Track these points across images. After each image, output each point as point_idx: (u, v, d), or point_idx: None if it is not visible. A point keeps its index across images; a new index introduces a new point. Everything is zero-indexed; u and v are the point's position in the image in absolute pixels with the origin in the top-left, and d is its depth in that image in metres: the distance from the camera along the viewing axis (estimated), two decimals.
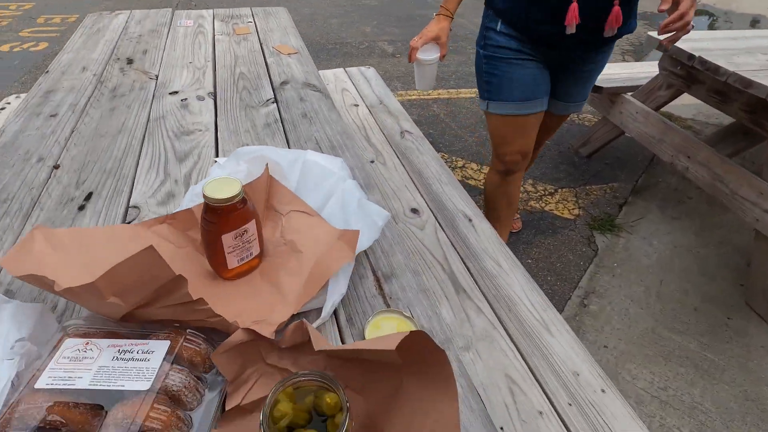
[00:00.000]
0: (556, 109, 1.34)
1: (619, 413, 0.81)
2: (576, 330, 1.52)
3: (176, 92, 1.11)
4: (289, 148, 0.90)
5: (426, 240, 1.14)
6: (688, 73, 1.78)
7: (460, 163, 2.33)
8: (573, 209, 2.08)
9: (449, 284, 1.03)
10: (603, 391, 0.84)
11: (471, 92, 3.07)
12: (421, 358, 0.39)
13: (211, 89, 1.12)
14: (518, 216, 1.95)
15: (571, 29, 1.03)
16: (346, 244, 0.61)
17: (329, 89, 1.85)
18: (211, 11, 1.69)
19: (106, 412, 0.38)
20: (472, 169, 2.29)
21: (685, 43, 1.59)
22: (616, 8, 1.00)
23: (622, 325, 1.55)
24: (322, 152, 0.88)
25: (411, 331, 0.36)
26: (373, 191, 0.79)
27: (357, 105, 1.73)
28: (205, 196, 0.53)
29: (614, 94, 2.11)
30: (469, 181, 2.20)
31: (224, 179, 0.55)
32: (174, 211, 0.65)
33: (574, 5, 1.01)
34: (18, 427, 0.37)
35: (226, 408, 0.44)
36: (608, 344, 1.49)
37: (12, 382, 0.39)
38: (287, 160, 0.74)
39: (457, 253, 1.12)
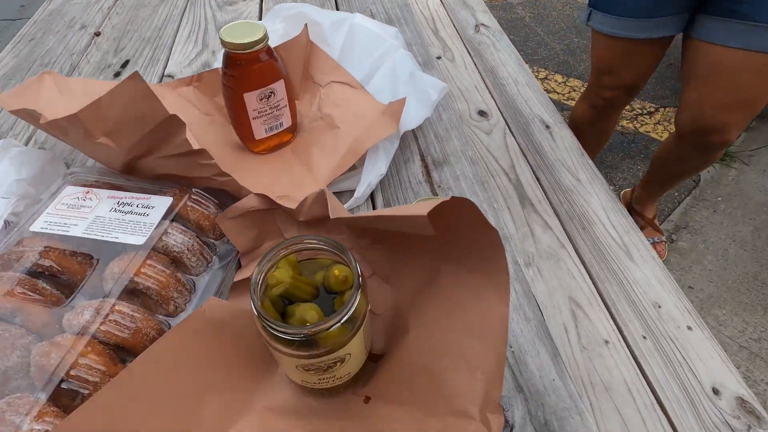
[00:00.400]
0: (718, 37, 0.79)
1: (706, 355, 0.68)
2: None
3: None
4: None
5: (492, 146, 1.00)
6: None
7: (542, 75, 2.04)
8: (669, 129, 1.76)
9: (514, 195, 0.90)
10: (690, 328, 0.71)
11: None
12: (464, 236, 0.29)
13: None
14: (662, 239, 1.39)
15: None
16: (390, 117, 0.51)
17: None
18: None
19: (98, 262, 0.34)
20: (556, 81, 2.00)
21: None
22: None
23: (716, 266, 1.34)
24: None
25: (452, 197, 0.26)
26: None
27: None
28: (222, 41, 0.44)
29: None
30: (551, 95, 1.93)
31: (246, 23, 0.45)
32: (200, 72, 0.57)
33: None
34: (9, 267, 0.34)
35: (235, 279, 0.38)
36: (695, 285, 1.30)
37: (6, 221, 0.36)
38: (331, 21, 0.62)
39: (528, 162, 0.96)
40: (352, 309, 0.26)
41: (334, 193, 0.49)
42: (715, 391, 0.65)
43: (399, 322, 0.34)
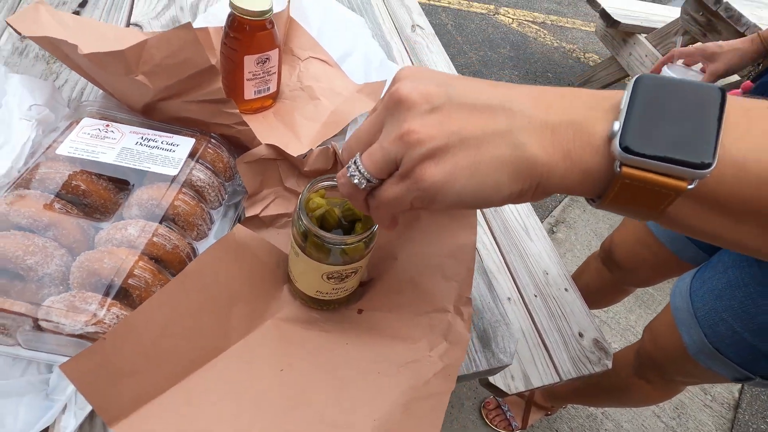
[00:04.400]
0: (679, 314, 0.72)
1: (577, 310, 0.90)
2: None
3: None
4: None
5: None
6: (708, 21, 1.74)
7: None
8: None
9: None
10: (566, 290, 0.92)
11: (483, 7, 2.89)
12: None
13: None
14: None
15: None
16: (367, 96, 0.60)
17: None
18: None
19: (132, 187, 0.38)
20: None
21: None
22: None
23: (583, 254, 1.67)
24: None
25: None
26: None
27: None
28: (234, 6, 0.48)
29: (629, 33, 2.05)
30: None
31: None
32: None
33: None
34: (39, 188, 0.36)
35: (246, 215, 0.45)
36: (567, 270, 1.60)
37: (30, 144, 0.37)
38: (310, 1, 0.68)
39: None
40: (375, 228, 0.35)
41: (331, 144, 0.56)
42: (580, 335, 0.86)
43: (387, 254, 0.44)
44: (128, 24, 0.67)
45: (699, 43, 0.73)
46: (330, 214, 0.37)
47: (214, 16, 0.64)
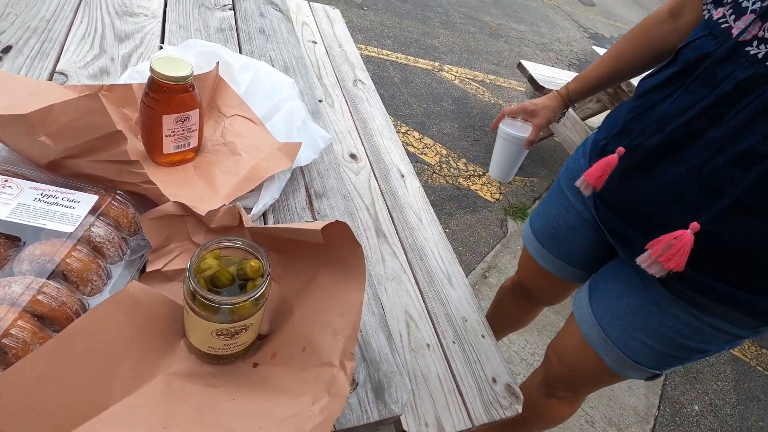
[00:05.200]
0: (584, 324, 0.80)
1: (491, 355, 0.95)
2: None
3: None
4: None
5: (359, 185, 1.19)
6: (616, 93, 1.99)
7: (404, 129, 2.38)
8: (495, 193, 2.26)
9: (372, 228, 1.10)
10: (483, 336, 0.97)
11: (428, 64, 3.11)
12: (340, 248, 0.44)
13: None
14: None
15: (585, 189, 0.69)
16: (285, 154, 0.64)
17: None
18: None
19: (24, 244, 0.38)
20: (413, 137, 2.36)
21: None
22: (683, 236, 0.55)
23: None
24: (275, 67, 0.88)
25: (336, 220, 0.41)
26: (318, 124, 0.81)
27: (315, 42, 1.69)
28: (153, 71, 0.52)
29: None
30: (409, 148, 2.28)
31: (175, 59, 0.54)
32: (110, 83, 0.62)
33: (613, 158, 0.63)
34: None
35: (147, 270, 0.46)
36: None
37: None
38: (240, 64, 0.73)
39: (385, 202, 1.18)
40: (263, 289, 0.38)
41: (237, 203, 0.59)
42: (494, 380, 0.91)
43: (285, 308, 0.47)
44: (53, 72, 0.68)
45: (522, 103, 0.90)
46: (222, 273, 0.39)
47: (138, 74, 0.66)
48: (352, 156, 1.27)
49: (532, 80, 2.24)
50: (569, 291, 1.01)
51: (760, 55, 0.53)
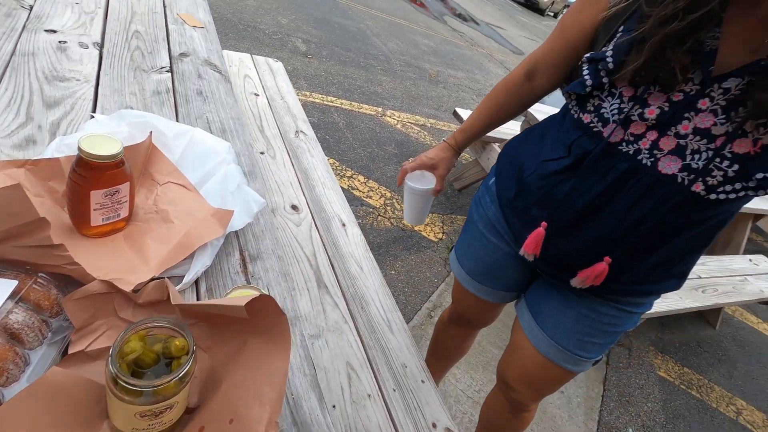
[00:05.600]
0: (533, 336, 0.90)
1: (432, 401, 0.98)
2: (420, 337, 1.73)
3: (54, 31, 1.01)
4: (177, 121, 0.91)
5: (300, 236, 1.22)
6: None
7: (348, 173, 2.46)
8: (438, 233, 2.36)
9: (313, 279, 1.12)
10: (423, 381, 1.01)
11: (371, 109, 3.26)
12: (266, 319, 0.47)
13: (98, 39, 1.05)
14: None
15: (527, 256, 0.82)
16: (218, 221, 0.66)
17: (231, 72, 1.82)
18: None
19: None
20: (359, 180, 2.44)
21: (540, 115, 1.96)
22: (602, 267, 0.73)
23: None
24: (212, 133, 0.90)
25: (261, 294, 0.44)
26: (256, 181, 0.85)
27: (257, 95, 1.74)
28: (81, 150, 0.53)
29: (486, 141, 2.47)
30: (354, 192, 2.34)
31: (104, 136, 0.56)
32: (36, 158, 0.62)
33: (541, 231, 0.77)
34: None
35: (69, 352, 0.46)
36: None
37: None
38: (174, 132, 0.75)
39: (326, 252, 1.21)
40: (187, 368, 0.40)
41: (162, 276, 0.60)
42: (434, 425, 0.94)
43: (214, 379, 0.48)
44: None
45: (419, 158, 0.99)
46: (146, 355, 0.41)
47: (67, 147, 0.67)
48: (294, 207, 1.31)
49: None
50: (500, 310, 1.13)
51: (631, 152, 0.66)
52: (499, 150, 2.41)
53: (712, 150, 0.61)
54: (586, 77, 0.69)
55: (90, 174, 0.55)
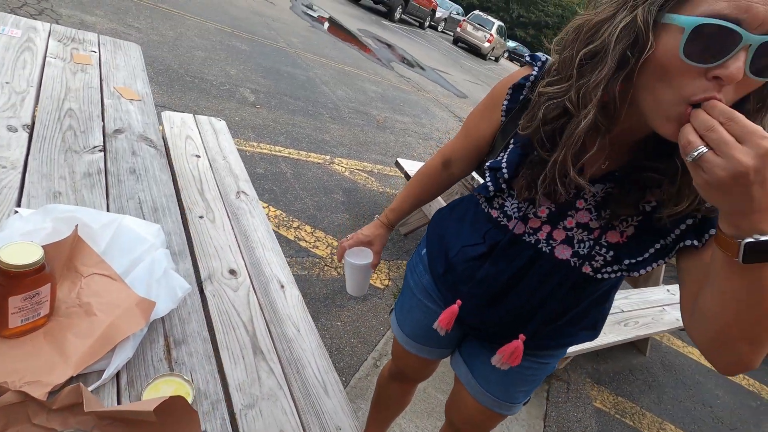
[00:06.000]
0: (470, 388, 1.01)
1: None
2: (365, 388, 1.76)
3: None
4: (108, 203, 0.94)
5: (237, 302, 1.24)
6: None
7: (295, 224, 2.50)
8: (384, 280, 2.43)
9: (249, 345, 1.14)
10: None
11: (319, 158, 3.36)
12: (177, 418, 0.51)
13: (29, 121, 1.07)
14: None
15: (440, 330, 0.89)
16: (141, 312, 0.70)
17: (173, 134, 1.85)
18: (48, 25, 1.57)
19: None
20: (305, 231, 2.49)
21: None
22: (517, 345, 0.82)
23: None
24: (143, 213, 0.94)
25: (170, 396, 0.48)
26: (186, 260, 0.89)
27: (198, 156, 1.78)
28: (2, 263, 0.56)
29: None
30: (301, 242, 2.38)
31: (24, 244, 0.59)
32: None
33: (454, 308, 0.87)
34: None
35: None
36: None
37: None
38: (100, 223, 0.79)
39: (264, 316, 1.24)
40: None
41: (84, 373, 0.62)
42: None
43: None
44: None
45: (356, 236, 1.11)
46: None
47: None
48: (232, 272, 1.33)
49: (408, 176, 2.56)
50: (438, 364, 1.22)
51: (532, 242, 0.78)
52: (440, 200, 2.56)
53: (592, 240, 0.74)
54: (489, 183, 0.80)
55: (9, 282, 0.58)
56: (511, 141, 0.78)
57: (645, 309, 2.34)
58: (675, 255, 0.71)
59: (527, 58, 0.79)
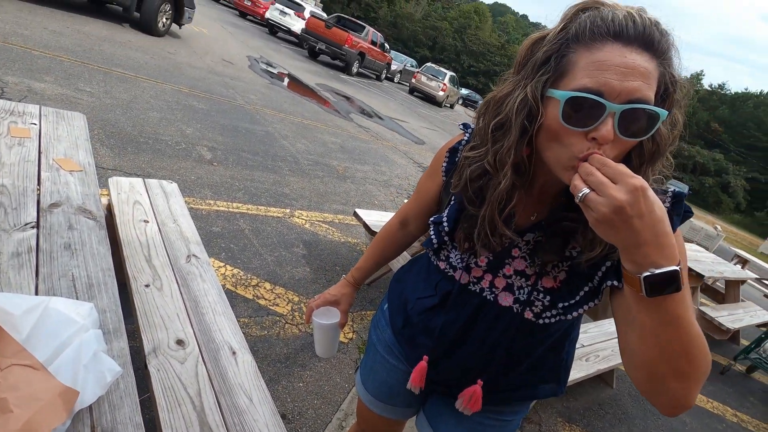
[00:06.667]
0: None
1: None
2: None
3: None
4: (36, 284, 0.90)
5: (184, 375, 1.18)
6: None
7: (254, 281, 2.44)
8: (348, 333, 2.38)
9: (196, 422, 1.08)
10: None
11: (279, 212, 3.35)
12: None
13: None
14: None
15: (413, 389, 0.90)
16: (63, 403, 0.65)
17: (120, 200, 1.81)
18: None
19: None
20: (264, 288, 2.43)
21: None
22: (476, 389, 0.83)
23: None
24: (77, 291, 0.90)
25: None
26: (120, 339, 0.85)
27: (147, 221, 1.74)
28: None
29: None
30: (260, 301, 2.32)
31: None
32: None
33: (423, 365, 0.88)
34: None
35: None
36: None
37: None
38: (23, 308, 0.75)
39: (213, 388, 1.19)
40: None
41: None
42: None
43: None
44: None
45: (323, 296, 1.11)
46: None
47: None
48: (179, 342, 1.28)
49: (366, 227, 2.58)
50: (404, 424, 1.19)
51: (477, 290, 0.82)
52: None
53: (529, 286, 0.78)
54: (433, 237, 0.86)
55: None
56: (452, 198, 0.85)
57: (604, 342, 2.39)
58: (605, 296, 0.76)
59: (461, 127, 0.88)
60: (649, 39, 0.57)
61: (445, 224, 0.83)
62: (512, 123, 0.65)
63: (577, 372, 2.02)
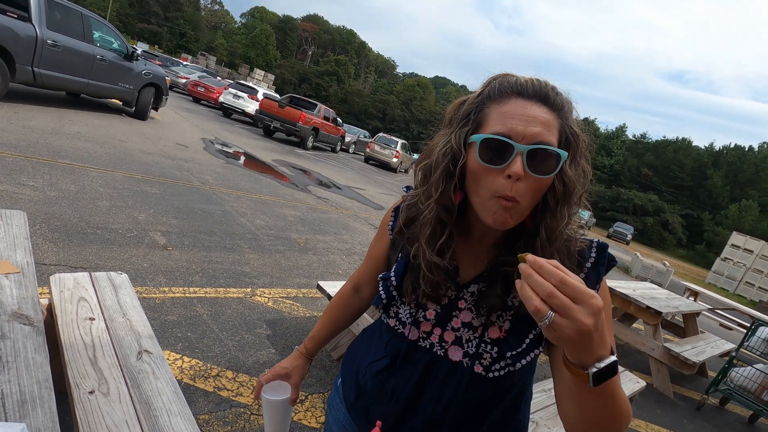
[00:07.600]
0: None
1: None
2: None
3: None
4: None
5: None
6: None
7: (215, 371, 2.27)
8: (320, 416, 2.22)
9: None
10: None
11: (239, 292, 3.22)
12: None
13: None
14: None
15: None
16: None
17: (62, 298, 1.69)
18: None
19: None
20: (226, 377, 2.26)
21: None
22: None
23: None
24: (6, 411, 0.81)
25: None
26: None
27: (93, 319, 1.62)
28: None
29: None
30: (222, 393, 2.15)
31: None
32: None
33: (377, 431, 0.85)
34: None
35: None
36: None
37: None
38: None
39: None
40: None
41: None
42: None
43: None
44: None
45: (274, 369, 1.04)
46: None
47: None
48: None
49: (330, 299, 2.53)
50: None
51: (427, 346, 0.82)
52: (367, 316, 2.54)
53: (477, 338, 0.79)
54: (381, 292, 0.86)
55: None
56: (399, 254, 0.88)
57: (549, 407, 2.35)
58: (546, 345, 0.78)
59: (404, 189, 0.94)
60: (544, 95, 0.70)
61: (393, 279, 0.85)
62: (439, 164, 0.75)
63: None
